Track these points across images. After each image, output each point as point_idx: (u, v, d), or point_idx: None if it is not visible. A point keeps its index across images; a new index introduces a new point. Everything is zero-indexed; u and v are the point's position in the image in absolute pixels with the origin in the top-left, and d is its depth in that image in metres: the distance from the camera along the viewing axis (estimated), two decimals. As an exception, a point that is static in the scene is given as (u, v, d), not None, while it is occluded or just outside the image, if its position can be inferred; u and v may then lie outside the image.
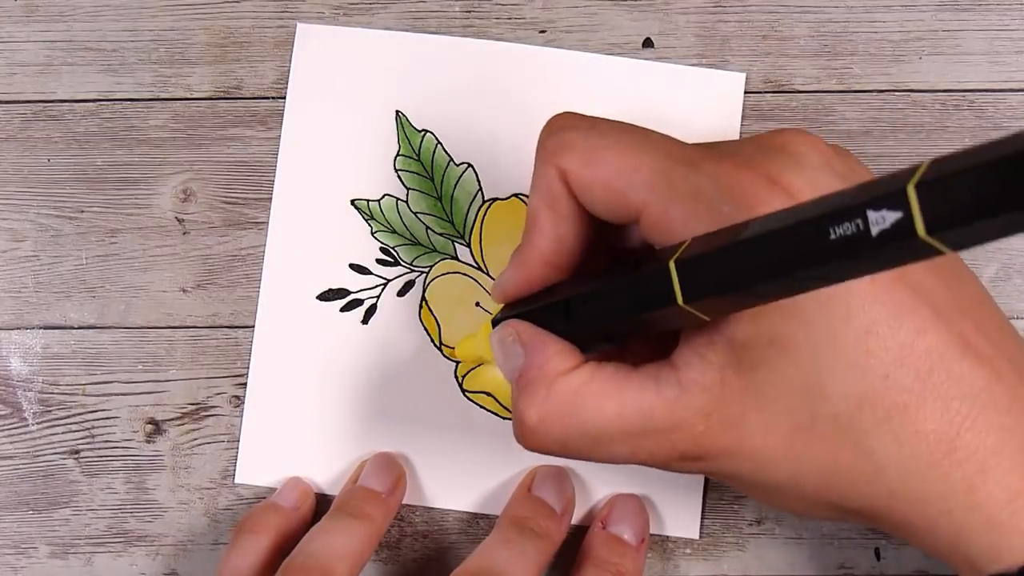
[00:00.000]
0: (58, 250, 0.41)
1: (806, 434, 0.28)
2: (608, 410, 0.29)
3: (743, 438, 0.29)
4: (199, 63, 0.41)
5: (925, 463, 0.28)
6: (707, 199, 0.28)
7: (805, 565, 0.39)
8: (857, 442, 0.28)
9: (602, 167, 0.29)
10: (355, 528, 0.36)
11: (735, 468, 0.29)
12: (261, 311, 0.40)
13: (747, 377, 0.28)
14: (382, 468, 0.39)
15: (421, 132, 0.40)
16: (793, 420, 0.28)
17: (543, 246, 0.31)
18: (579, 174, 0.30)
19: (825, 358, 0.27)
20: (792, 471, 0.29)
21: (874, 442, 0.28)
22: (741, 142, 0.30)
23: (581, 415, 0.30)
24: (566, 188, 0.30)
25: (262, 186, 0.40)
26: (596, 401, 0.30)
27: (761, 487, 0.30)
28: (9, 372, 0.40)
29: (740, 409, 0.28)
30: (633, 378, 0.29)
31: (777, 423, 0.28)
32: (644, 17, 0.41)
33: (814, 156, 0.29)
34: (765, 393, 0.28)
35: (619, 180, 0.29)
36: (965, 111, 0.40)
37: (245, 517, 0.38)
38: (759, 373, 0.28)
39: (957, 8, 0.40)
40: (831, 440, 0.28)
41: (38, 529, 0.40)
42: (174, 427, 0.40)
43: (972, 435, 0.28)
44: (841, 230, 0.22)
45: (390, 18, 0.41)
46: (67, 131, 0.41)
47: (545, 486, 0.38)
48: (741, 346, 0.28)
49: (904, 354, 0.27)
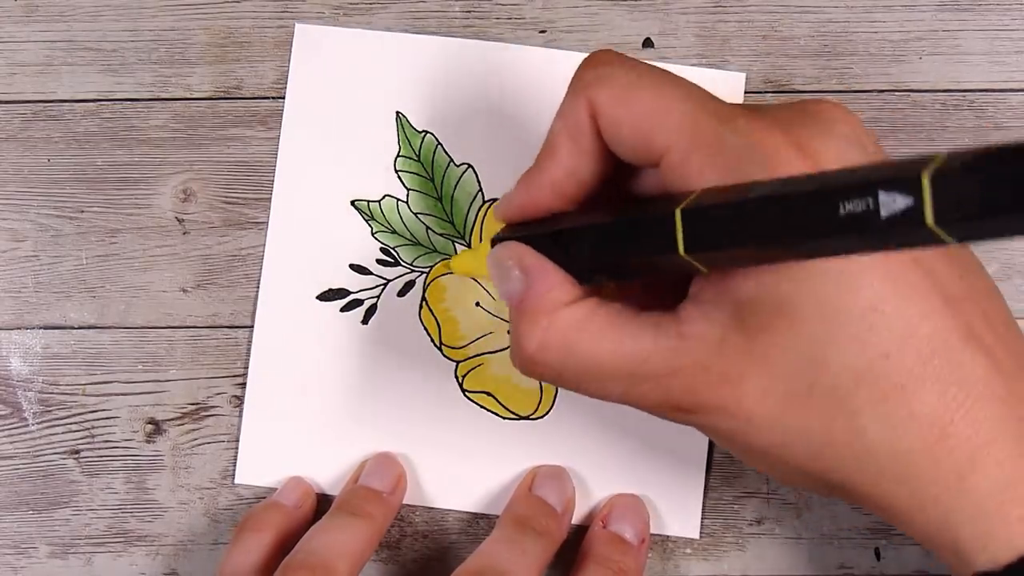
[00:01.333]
0: (58, 250, 0.41)
1: (801, 402, 0.28)
2: (604, 349, 0.30)
3: (739, 397, 0.29)
4: (199, 63, 0.41)
5: (917, 446, 0.28)
6: (731, 152, 0.28)
7: (805, 565, 0.39)
8: (850, 418, 0.28)
9: (634, 106, 0.29)
10: (356, 526, 0.36)
11: (726, 426, 0.29)
12: (261, 311, 0.40)
13: (750, 339, 0.28)
14: (383, 467, 0.39)
15: (421, 133, 0.40)
16: (790, 387, 0.28)
17: (556, 174, 0.31)
18: (610, 110, 0.30)
19: (829, 330, 0.27)
20: (783, 437, 0.29)
21: (867, 420, 0.28)
22: (776, 106, 0.30)
23: (579, 349, 0.30)
24: (592, 122, 0.30)
25: (262, 186, 0.40)
26: (595, 337, 0.30)
27: (749, 449, 0.30)
28: (9, 372, 0.40)
29: (739, 369, 0.28)
30: (634, 321, 0.30)
31: (774, 388, 0.28)
32: (644, 17, 0.41)
33: (845, 128, 0.29)
34: (766, 357, 0.28)
35: (648, 120, 0.29)
36: (965, 111, 0.40)
37: (247, 515, 0.38)
38: (762, 337, 0.28)
39: (957, 8, 0.40)
40: (825, 412, 0.28)
41: (38, 529, 0.40)
42: (174, 427, 0.40)
43: (966, 423, 0.28)
44: (851, 206, 0.22)
45: (390, 18, 0.41)
46: (67, 131, 0.41)
47: (545, 486, 0.38)
48: (747, 308, 0.28)
49: (907, 335, 0.27)
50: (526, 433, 0.40)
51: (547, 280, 0.30)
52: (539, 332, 0.30)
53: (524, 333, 0.30)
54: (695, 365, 0.29)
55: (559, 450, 0.39)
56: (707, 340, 0.28)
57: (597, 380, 0.30)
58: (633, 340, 0.29)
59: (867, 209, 0.21)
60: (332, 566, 0.34)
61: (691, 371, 0.29)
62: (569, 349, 0.30)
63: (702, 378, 0.29)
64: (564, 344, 0.30)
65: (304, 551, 0.35)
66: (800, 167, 0.27)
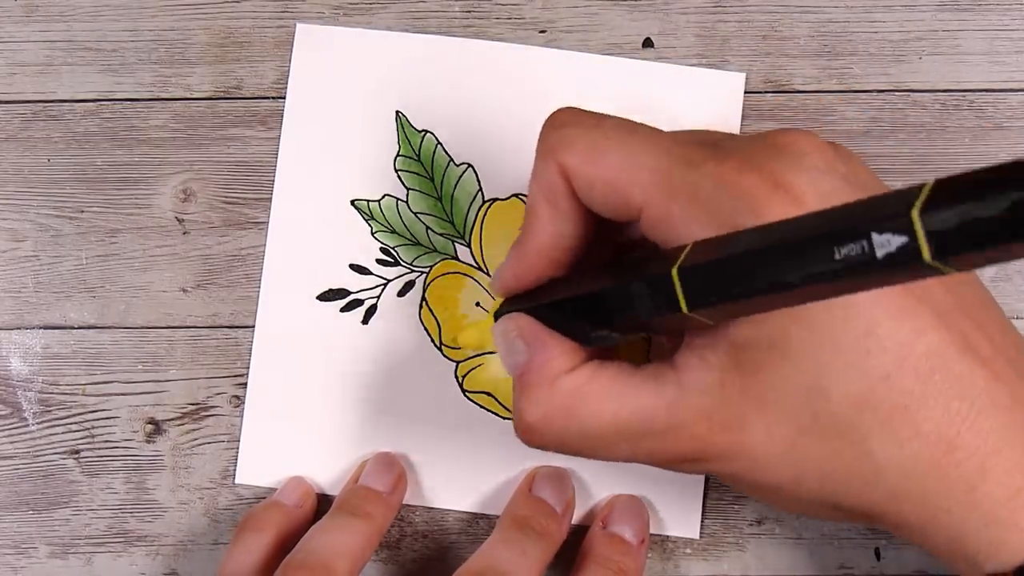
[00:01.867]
0: (58, 250, 0.41)
1: (807, 436, 0.28)
2: (607, 411, 0.30)
3: (743, 441, 0.29)
4: (199, 63, 0.41)
5: (925, 463, 0.28)
6: (709, 199, 0.28)
7: (805, 565, 0.39)
8: (857, 443, 0.28)
9: (603, 165, 0.29)
10: (356, 526, 0.36)
11: (735, 469, 0.29)
12: (261, 311, 0.40)
13: (748, 379, 0.28)
14: (383, 467, 0.39)
15: (421, 132, 0.40)
16: (794, 422, 0.28)
17: (542, 241, 0.31)
18: (580, 171, 0.30)
19: (825, 359, 0.27)
20: (793, 472, 0.29)
21: (874, 443, 0.28)
22: (742, 139, 0.30)
23: (580, 416, 0.30)
24: (566, 184, 0.30)
25: (262, 186, 0.40)
26: (596, 402, 0.30)
27: (762, 488, 0.30)
28: (9, 372, 0.40)
29: (740, 411, 0.28)
30: (634, 378, 0.30)
31: (778, 425, 0.28)
32: (644, 17, 0.41)
33: (817, 158, 0.29)
34: (765, 396, 0.28)
35: (620, 178, 0.29)
36: (965, 111, 0.40)
37: (248, 515, 0.38)
38: (759, 375, 0.28)
39: (957, 8, 0.40)
40: (832, 441, 0.28)
41: (38, 529, 0.40)
42: (174, 427, 0.40)
43: (972, 435, 0.28)
44: (846, 251, 0.22)
45: (390, 18, 0.41)
46: (67, 131, 0.41)
47: (545, 486, 0.38)
48: (741, 348, 0.28)
49: (904, 355, 0.27)
50: (526, 433, 0.40)
51: (546, 350, 0.31)
52: (539, 402, 0.30)
53: (524, 405, 0.31)
54: (697, 415, 0.29)
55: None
56: (707, 387, 0.29)
57: (602, 443, 0.30)
58: (635, 399, 0.29)
59: (863, 252, 0.21)
60: (332, 566, 0.34)
61: (694, 422, 0.29)
62: (571, 417, 0.30)
63: (705, 426, 0.29)
64: (565, 412, 0.30)
65: (304, 551, 0.35)
66: (780, 205, 0.27)
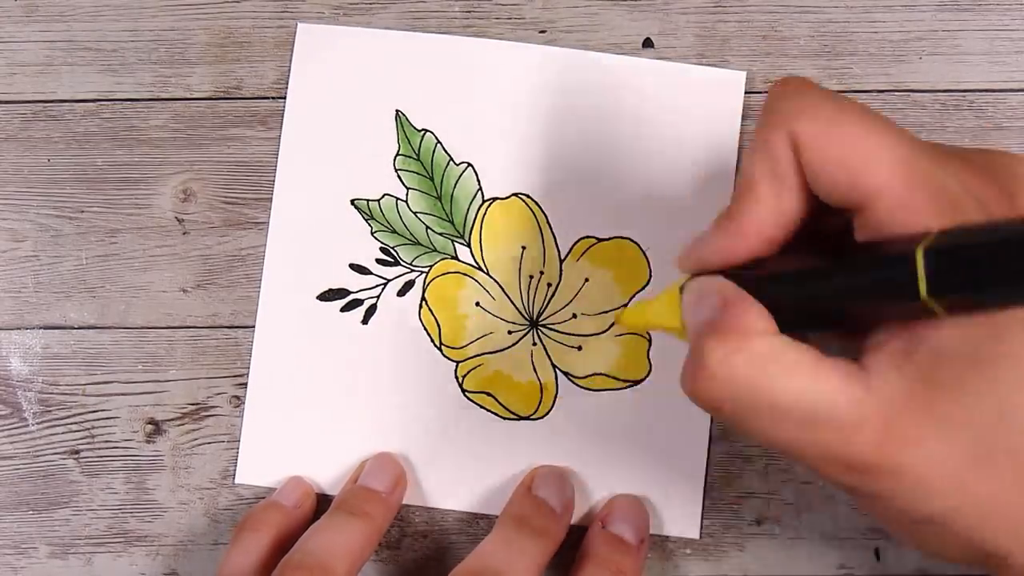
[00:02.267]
0: (58, 250, 0.41)
1: (980, 467, 0.26)
2: (793, 386, 0.27)
3: (915, 461, 0.26)
4: (199, 63, 0.41)
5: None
6: (952, 197, 0.26)
7: (805, 565, 0.39)
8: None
9: (843, 140, 0.27)
10: (354, 526, 0.36)
11: (893, 491, 0.27)
12: (261, 311, 0.40)
13: (938, 394, 0.26)
14: (382, 468, 0.39)
15: (421, 132, 0.40)
16: (972, 450, 0.26)
17: (762, 217, 0.28)
18: (815, 143, 0.27)
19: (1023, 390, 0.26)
20: (953, 505, 0.27)
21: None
22: (975, 152, 0.29)
23: (766, 378, 0.27)
24: (795, 157, 0.28)
25: (262, 186, 0.40)
26: (785, 372, 0.27)
27: (911, 518, 0.28)
28: (9, 372, 0.40)
29: (922, 428, 0.26)
30: (825, 365, 0.27)
31: (955, 451, 0.26)
32: (644, 17, 0.41)
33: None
34: (952, 414, 0.26)
35: (858, 156, 0.27)
36: (965, 111, 0.40)
37: (247, 515, 0.38)
38: (952, 394, 0.26)
39: (957, 8, 0.40)
40: (1006, 476, 0.26)
41: (38, 529, 0.40)
42: (174, 427, 0.40)
43: None
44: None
45: (390, 18, 0.41)
46: (67, 131, 0.41)
47: (545, 486, 0.38)
48: (941, 362, 0.26)
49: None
50: (526, 433, 0.40)
51: (745, 307, 0.28)
52: (728, 349, 0.27)
53: (711, 347, 0.27)
54: (879, 422, 0.26)
55: (559, 450, 0.39)
56: (896, 394, 0.26)
57: (775, 417, 0.27)
58: (824, 384, 0.27)
59: None
60: (330, 567, 0.34)
61: (874, 428, 0.26)
62: (757, 375, 0.27)
63: (884, 436, 0.26)
64: (752, 368, 0.27)
65: (302, 551, 0.35)
66: None
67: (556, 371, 0.40)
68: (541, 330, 0.40)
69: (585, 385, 0.40)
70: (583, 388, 0.40)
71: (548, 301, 0.40)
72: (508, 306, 0.40)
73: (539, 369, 0.40)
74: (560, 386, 0.40)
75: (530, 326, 0.40)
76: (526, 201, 0.40)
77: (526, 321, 0.40)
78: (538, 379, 0.40)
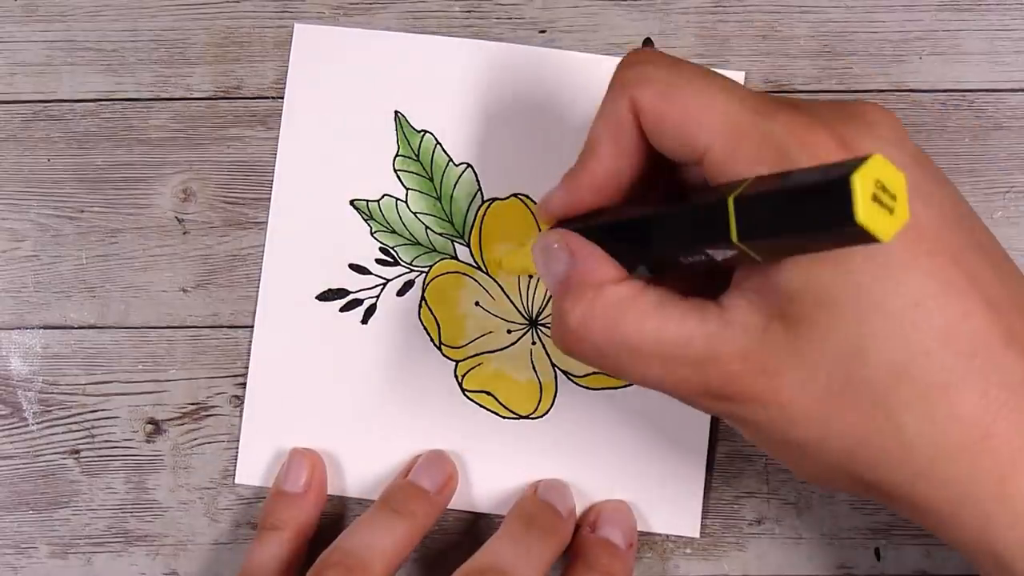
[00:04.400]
0: (58, 250, 0.41)
1: (840, 398, 0.28)
2: (649, 327, 0.29)
3: (777, 389, 0.28)
4: (199, 63, 0.41)
5: (956, 446, 0.27)
6: (776, 146, 0.28)
7: (805, 565, 0.39)
8: (889, 415, 0.28)
9: (677, 102, 0.29)
10: (397, 525, 0.36)
11: (762, 417, 0.29)
12: (261, 311, 0.40)
13: (792, 331, 0.28)
14: (433, 465, 0.39)
15: (420, 132, 0.40)
16: (830, 382, 0.28)
17: (598, 173, 0.31)
18: (653, 107, 0.30)
19: (870, 324, 0.27)
20: (820, 432, 0.28)
21: (907, 417, 0.27)
22: (814, 103, 0.30)
23: (622, 326, 0.29)
24: (635, 120, 0.30)
25: (262, 186, 0.40)
26: (639, 316, 0.29)
27: (784, 444, 0.30)
28: (9, 372, 0.40)
29: (779, 359, 0.28)
30: (679, 305, 0.29)
31: (814, 381, 0.28)
32: (644, 17, 0.41)
33: (888, 130, 0.29)
34: (805, 349, 0.28)
35: (692, 116, 0.29)
36: (965, 111, 0.40)
37: (267, 512, 0.38)
38: (802, 329, 0.28)
39: (957, 8, 0.40)
40: (864, 408, 0.28)
41: (38, 529, 0.40)
42: (174, 427, 0.40)
43: (1008, 424, 0.27)
44: None
45: (390, 18, 0.41)
46: (67, 131, 0.41)
47: (550, 493, 0.38)
48: (789, 299, 0.28)
49: (949, 333, 0.27)
50: (526, 433, 0.40)
51: (593, 258, 0.30)
52: (584, 306, 0.30)
53: (568, 307, 0.30)
54: (736, 352, 0.28)
55: (559, 450, 0.39)
56: (750, 328, 0.28)
57: (638, 359, 0.30)
58: (678, 323, 0.29)
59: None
60: (369, 566, 0.34)
61: (732, 358, 0.28)
62: (613, 326, 0.30)
63: (742, 366, 0.28)
64: (608, 320, 0.30)
65: (342, 550, 0.35)
66: None
67: (556, 370, 0.40)
68: (541, 329, 0.40)
69: (585, 384, 0.40)
70: (583, 387, 0.40)
71: (547, 300, 0.40)
72: (507, 305, 0.40)
73: (539, 368, 0.40)
74: (560, 385, 0.40)
75: (529, 325, 0.40)
76: (526, 201, 0.40)
77: (525, 320, 0.40)
78: (538, 378, 0.40)
